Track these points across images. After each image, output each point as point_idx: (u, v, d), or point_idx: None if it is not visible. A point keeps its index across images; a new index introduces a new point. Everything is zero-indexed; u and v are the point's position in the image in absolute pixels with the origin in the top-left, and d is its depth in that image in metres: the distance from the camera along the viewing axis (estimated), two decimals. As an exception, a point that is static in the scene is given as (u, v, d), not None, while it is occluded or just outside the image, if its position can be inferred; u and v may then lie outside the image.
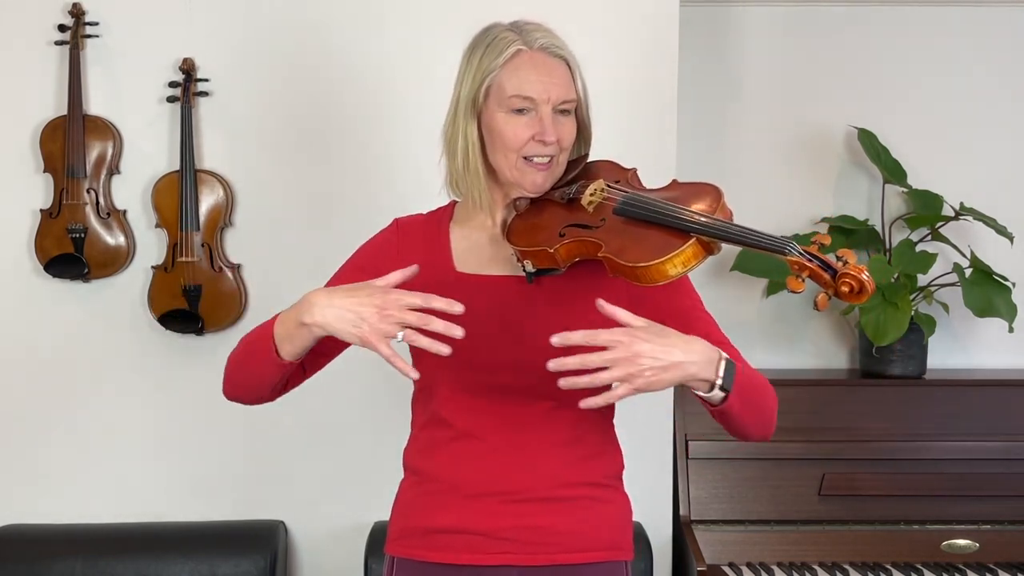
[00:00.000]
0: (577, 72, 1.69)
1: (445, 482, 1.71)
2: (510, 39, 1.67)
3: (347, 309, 1.52)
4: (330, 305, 1.54)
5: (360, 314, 1.51)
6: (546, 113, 1.64)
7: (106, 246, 2.72)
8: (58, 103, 2.72)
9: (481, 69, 1.67)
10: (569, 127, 1.68)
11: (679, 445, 2.83)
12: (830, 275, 1.48)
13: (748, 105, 3.20)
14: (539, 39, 1.67)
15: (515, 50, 1.65)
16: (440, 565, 1.70)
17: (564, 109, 1.67)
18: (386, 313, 1.50)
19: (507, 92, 1.64)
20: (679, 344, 1.49)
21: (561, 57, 1.68)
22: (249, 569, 2.67)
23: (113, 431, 2.80)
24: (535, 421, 1.69)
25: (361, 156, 2.77)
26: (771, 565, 2.71)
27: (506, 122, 1.65)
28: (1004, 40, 3.20)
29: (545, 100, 1.64)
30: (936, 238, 3.05)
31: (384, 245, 1.80)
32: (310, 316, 1.55)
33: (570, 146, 1.71)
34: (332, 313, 1.53)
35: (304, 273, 2.78)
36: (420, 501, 1.74)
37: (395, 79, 2.74)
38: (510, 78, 1.64)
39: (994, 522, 2.80)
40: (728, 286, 3.16)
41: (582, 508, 1.71)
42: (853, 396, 2.93)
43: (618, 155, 2.70)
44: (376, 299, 1.51)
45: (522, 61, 1.65)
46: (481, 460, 1.69)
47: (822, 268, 1.49)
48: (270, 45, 2.75)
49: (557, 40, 1.69)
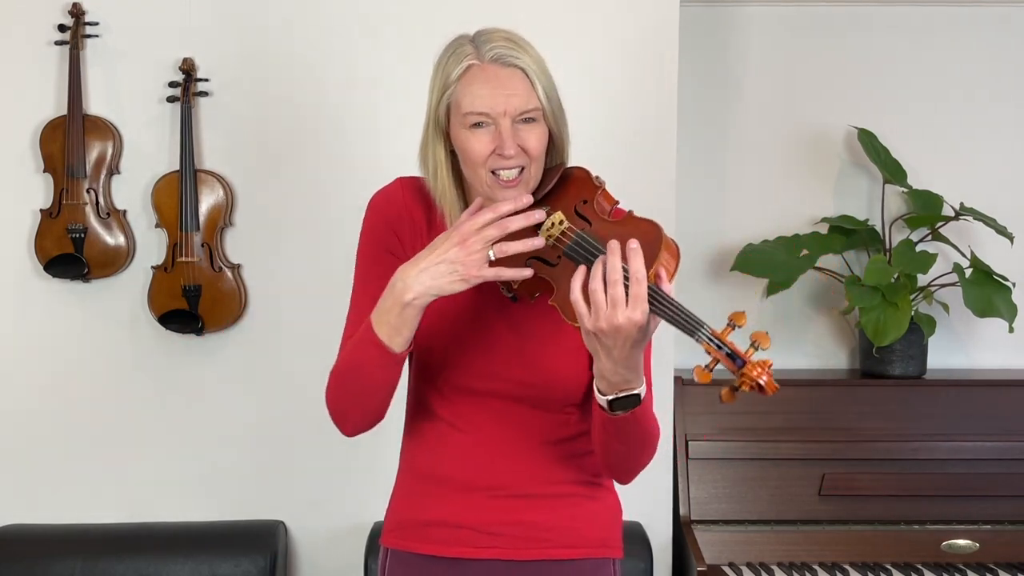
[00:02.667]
0: (537, 79, 1.61)
1: (436, 475, 1.72)
2: (464, 53, 1.62)
3: (434, 264, 1.53)
4: (420, 272, 1.53)
5: (447, 259, 1.52)
6: (505, 126, 1.58)
7: (106, 246, 2.72)
8: (58, 103, 2.72)
9: (440, 86, 1.64)
10: (535, 135, 1.61)
11: (679, 445, 2.83)
12: (737, 366, 1.44)
13: (748, 105, 3.20)
14: (492, 49, 1.60)
15: (467, 65, 1.60)
16: (431, 557, 1.71)
17: (527, 118, 1.60)
18: (468, 244, 1.52)
19: (463, 109, 1.59)
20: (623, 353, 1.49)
21: (516, 66, 1.60)
22: (249, 569, 2.67)
23: (113, 431, 2.80)
24: (524, 419, 1.70)
25: (361, 156, 2.76)
26: (771, 565, 2.71)
27: (467, 139, 1.60)
28: (1004, 40, 3.20)
29: (501, 113, 1.58)
30: (936, 238, 3.05)
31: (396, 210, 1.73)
32: (410, 293, 1.54)
33: (540, 154, 1.63)
34: (427, 277, 1.53)
35: (304, 273, 2.79)
36: (413, 494, 1.75)
37: (395, 79, 2.74)
38: (464, 94, 1.60)
39: (994, 522, 2.80)
40: (728, 286, 3.16)
41: (571, 505, 1.71)
42: (853, 396, 2.93)
43: (618, 155, 2.72)
44: (453, 239, 1.53)
45: (474, 75, 1.60)
46: (470, 454, 1.70)
47: (730, 358, 1.45)
48: (270, 45, 2.75)
49: (514, 48, 1.61)
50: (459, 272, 1.52)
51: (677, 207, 2.79)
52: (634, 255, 1.46)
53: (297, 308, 2.79)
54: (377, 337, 1.57)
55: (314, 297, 2.78)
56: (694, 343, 1.49)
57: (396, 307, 1.55)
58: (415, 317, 1.57)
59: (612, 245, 1.48)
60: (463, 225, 1.54)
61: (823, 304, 3.23)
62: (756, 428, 2.85)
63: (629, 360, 1.50)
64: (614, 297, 1.45)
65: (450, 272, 1.53)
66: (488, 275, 1.53)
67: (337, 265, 2.76)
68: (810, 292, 3.22)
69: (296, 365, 2.80)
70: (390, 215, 1.73)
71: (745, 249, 3.03)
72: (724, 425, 2.86)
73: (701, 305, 1.48)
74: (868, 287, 2.88)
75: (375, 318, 1.58)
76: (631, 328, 1.45)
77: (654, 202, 2.76)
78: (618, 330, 1.45)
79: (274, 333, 2.80)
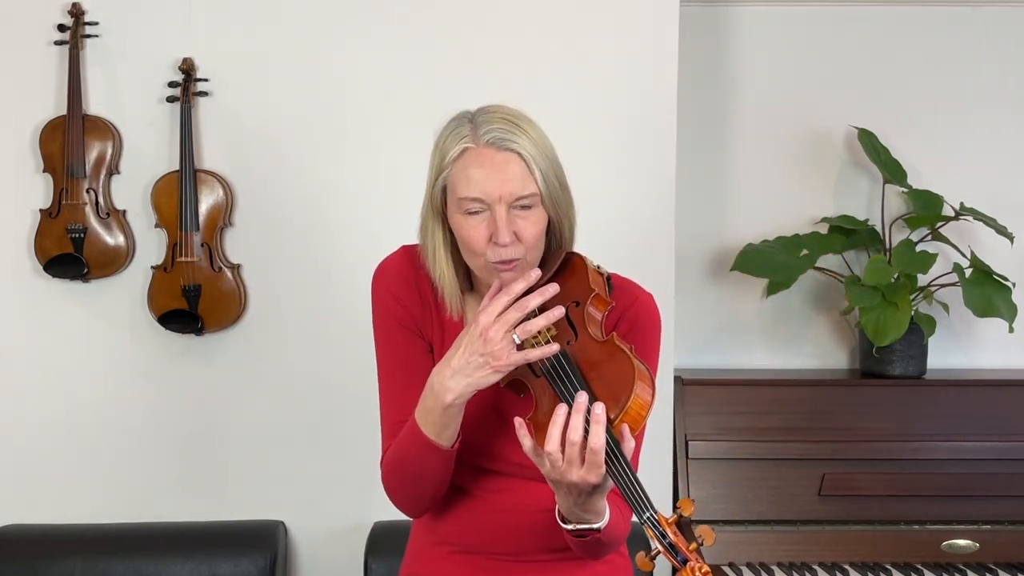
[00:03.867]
0: (534, 163, 1.55)
1: (442, 534, 1.74)
2: (461, 134, 1.57)
3: (466, 362, 1.53)
4: (454, 374, 1.54)
5: (477, 353, 1.52)
6: (500, 213, 1.54)
7: (106, 246, 2.72)
8: (58, 103, 2.72)
9: (437, 167, 1.60)
10: (531, 222, 1.56)
11: (679, 445, 2.83)
12: (679, 561, 1.42)
13: (748, 105, 3.20)
14: (489, 132, 1.55)
15: (462, 148, 1.56)
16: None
17: (524, 205, 1.55)
18: (490, 335, 1.51)
19: (458, 193, 1.56)
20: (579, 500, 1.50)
21: (512, 150, 1.54)
22: (249, 569, 2.67)
23: (113, 431, 2.80)
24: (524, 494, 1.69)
25: (361, 156, 2.77)
26: (771, 565, 2.71)
27: (462, 226, 1.57)
28: (1004, 40, 3.20)
29: (496, 199, 1.53)
30: (936, 238, 3.05)
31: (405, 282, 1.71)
32: (450, 395, 1.54)
33: (537, 243, 1.59)
34: (461, 377, 1.54)
35: (304, 273, 2.79)
36: (422, 552, 1.78)
37: (395, 79, 2.74)
38: (459, 179, 1.56)
39: (994, 522, 2.80)
40: (728, 286, 3.16)
41: (578, 567, 1.70)
42: (853, 396, 2.93)
43: (618, 155, 2.71)
44: (475, 333, 1.53)
45: (470, 160, 1.55)
46: (477, 518, 1.70)
47: (670, 551, 1.43)
48: (270, 45, 2.75)
49: (511, 130, 1.55)
50: (490, 364, 1.52)
51: (677, 207, 2.79)
52: (595, 424, 1.44)
53: (297, 308, 2.79)
54: (426, 437, 1.58)
55: (314, 297, 2.78)
56: (694, 343, 1.49)
57: (438, 408, 1.56)
58: (458, 414, 1.58)
59: (579, 401, 1.47)
60: (481, 317, 1.53)
61: (823, 304, 3.23)
62: (756, 428, 2.85)
63: (587, 505, 1.50)
64: (570, 457, 1.45)
65: (482, 366, 1.53)
66: (517, 360, 1.52)
67: (337, 265, 2.77)
68: (810, 292, 3.22)
69: (296, 365, 2.80)
70: (395, 290, 1.71)
71: (745, 249, 3.03)
72: (724, 425, 2.86)
73: (701, 305, 1.47)
74: (868, 287, 2.88)
75: (420, 418, 1.58)
76: (584, 486, 1.46)
77: (654, 202, 2.77)
78: (572, 486, 1.46)
79: (274, 333, 2.80)
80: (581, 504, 1.50)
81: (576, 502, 1.50)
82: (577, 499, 1.49)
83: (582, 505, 1.50)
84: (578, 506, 1.50)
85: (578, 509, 1.51)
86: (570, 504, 1.51)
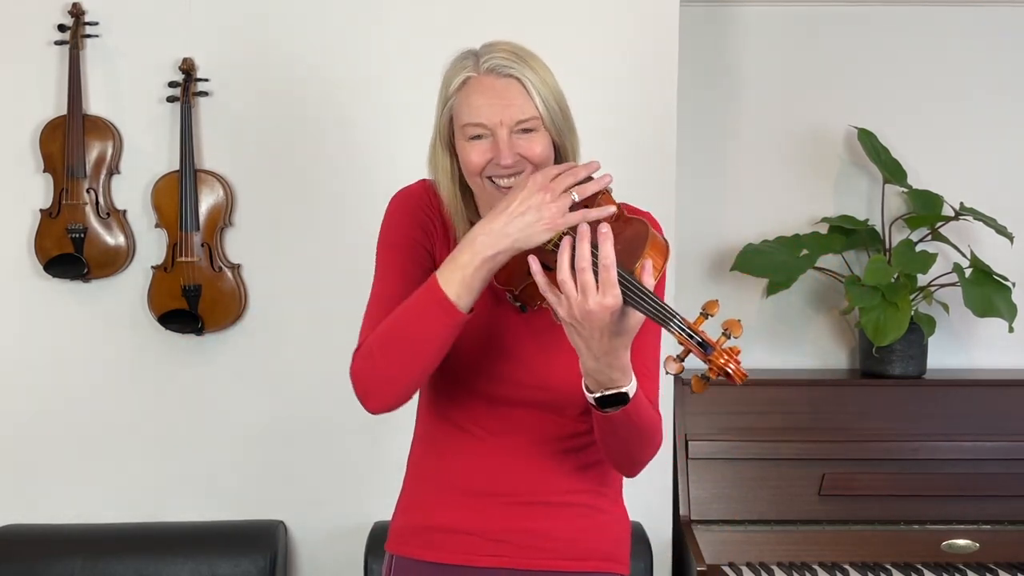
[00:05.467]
0: (534, 89, 1.60)
1: (445, 479, 1.72)
2: (463, 66, 1.63)
3: (519, 214, 1.52)
4: (506, 225, 1.52)
5: (532, 206, 1.51)
6: (502, 136, 1.59)
7: (106, 246, 2.72)
8: (58, 103, 2.72)
9: (443, 100, 1.66)
10: (536, 143, 1.61)
11: (679, 445, 2.83)
12: (706, 354, 1.43)
13: (748, 105, 3.20)
14: (489, 60, 1.61)
15: (464, 77, 1.62)
16: (435, 564, 1.70)
17: (525, 128, 1.60)
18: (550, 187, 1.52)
19: (461, 120, 1.62)
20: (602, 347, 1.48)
21: (512, 76, 1.60)
22: (249, 569, 2.67)
23: (113, 431, 2.80)
24: (539, 425, 1.69)
25: (361, 156, 2.77)
26: (771, 565, 2.71)
27: (466, 151, 1.62)
28: (1004, 40, 3.20)
29: (498, 123, 1.59)
30: (936, 238, 3.05)
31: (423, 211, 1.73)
32: (496, 247, 1.52)
33: (546, 160, 1.62)
34: (513, 229, 1.52)
35: (304, 273, 2.79)
36: (420, 499, 1.75)
37: (395, 78, 2.74)
38: (462, 106, 1.62)
39: (994, 522, 2.80)
40: (728, 286, 3.16)
41: (580, 516, 1.71)
42: (853, 396, 2.93)
43: (618, 155, 2.71)
44: (533, 188, 1.52)
45: (471, 88, 1.61)
46: (481, 460, 1.69)
47: (701, 347, 1.44)
48: (270, 45, 2.75)
49: (511, 59, 1.61)
50: (544, 220, 1.51)
51: (677, 207, 2.79)
52: (604, 239, 1.45)
53: (297, 308, 2.79)
54: (445, 295, 1.53)
55: (314, 297, 2.78)
56: (693, 342, 1.49)
57: (474, 262, 1.53)
58: (490, 275, 1.55)
59: (582, 229, 1.47)
60: (538, 176, 1.54)
61: (823, 304, 3.23)
62: (756, 428, 2.85)
63: (611, 356, 1.48)
64: (584, 283, 1.44)
65: (536, 221, 1.51)
66: (573, 220, 1.50)
67: (337, 265, 2.78)
68: (810, 292, 3.22)
69: (296, 365, 2.80)
70: (415, 211, 1.73)
71: (745, 249, 3.03)
72: (724, 425, 2.86)
73: (701, 305, 1.47)
74: (868, 287, 2.88)
75: (443, 276, 1.54)
76: (603, 314, 1.44)
77: (654, 202, 2.74)
78: (590, 317, 1.44)
79: (274, 333, 2.80)
80: (605, 355, 1.47)
81: (599, 352, 1.47)
82: (600, 345, 1.46)
83: (606, 357, 1.47)
84: (602, 359, 1.48)
85: (604, 365, 1.48)
86: (595, 359, 1.48)
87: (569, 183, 1.53)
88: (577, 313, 1.45)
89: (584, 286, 1.44)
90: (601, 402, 1.53)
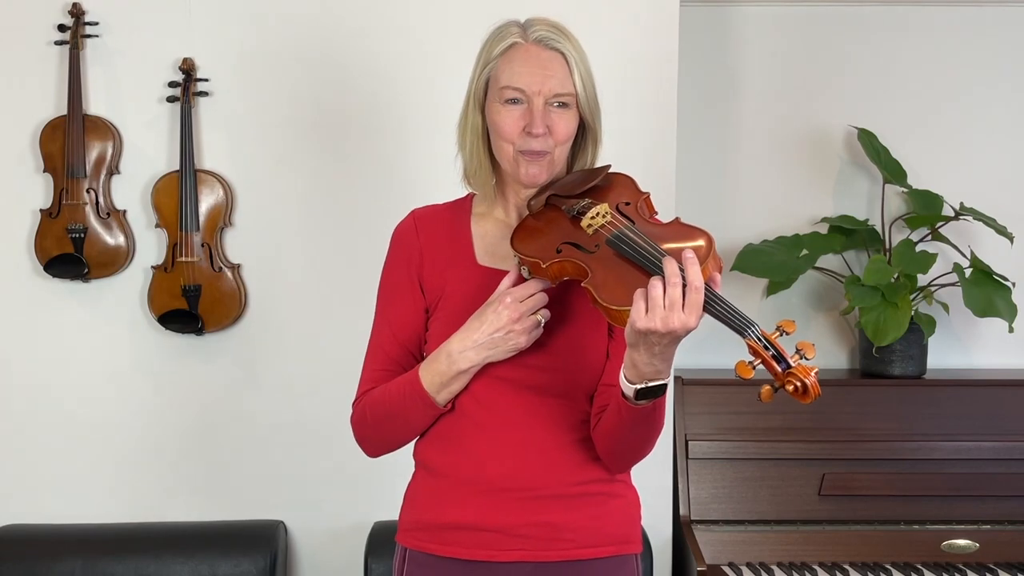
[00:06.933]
0: (576, 67, 1.67)
1: (458, 477, 1.72)
2: (510, 32, 1.68)
3: (489, 335, 1.64)
4: (475, 344, 1.64)
5: (502, 330, 1.63)
6: (537, 105, 1.64)
7: (106, 246, 2.72)
8: (58, 103, 2.72)
9: (483, 62, 1.71)
10: (565, 120, 1.67)
11: (679, 445, 2.84)
12: (782, 368, 1.45)
13: (748, 105, 3.20)
14: (537, 32, 1.67)
15: (511, 42, 1.67)
16: (454, 560, 1.71)
17: (561, 103, 1.66)
18: (518, 316, 1.63)
19: (500, 83, 1.66)
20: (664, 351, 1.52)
21: (558, 50, 1.66)
22: (249, 569, 2.67)
23: (113, 431, 2.80)
24: (551, 412, 1.70)
25: (361, 156, 2.77)
26: (771, 565, 2.71)
27: (499, 113, 1.66)
28: (1004, 40, 3.20)
29: (536, 92, 1.64)
30: (936, 238, 3.05)
31: (407, 247, 1.79)
32: (465, 362, 1.65)
33: (568, 140, 1.69)
34: (484, 349, 1.64)
35: (304, 273, 2.79)
36: (433, 495, 1.75)
37: (395, 79, 2.74)
38: (504, 69, 1.66)
39: (994, 522, 2.80)
40: (728, 286, 3.13)
41: (595, 504, 1.72)
42: (853, 396, 2.93)
43: (618, 155, 2.71)
44: (502, 312, 1.63)
45: (517, 53, 1.66)
46: (495, 454, 1.70)
47: (775, 360, 1.46)
48: (270, 45, 2.75)
49: (558, 34, 1.67)
50: (517, 342, 1.64)
51: (677, 207, 2.79)
52: (690, 264, 1.47)
53: (297, 308, 2.79)
54: (426, 393, 1.68)
55: (314, 297, 2.78)
56: (695, 343, 1.49)
57: (450, 372, 1.66)
58: (466, 379, 1.68)
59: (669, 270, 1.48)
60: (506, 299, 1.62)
61: (823, 304, 3.23)
62: (756, 428, 2.85)
63: (666, 354, 1.51)
64: (672, 298, 1.46)
65: (506, 343, 1.64)
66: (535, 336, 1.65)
67: (337, 265, 2.78)
68: (810, 292, 3.22)
69: (296, 365, 2.80)
70: (401, 246, 1.80)
71: (745, 249, 3.03)
72: (724, 425, 2.86)
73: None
74: (868, 287, 2.88)
75: (425, 376, 1.68)
76: (682, 332, 1.47)
77: (654, 202, 2.76)
78: (671, 332, 1.46)
79: (274, 333, 2.80)
80: (661, 352, 1.50)
81: (659, 353, 1.50)
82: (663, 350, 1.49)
83: (662, 352, 1.50)
84: (658, 357, 1.50)
85: (657, 360, 1.51)
86: (650, 356, 1.50)
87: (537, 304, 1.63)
88: (659, 325, 1.46)
89: (672, 301, 1.46)
90: (639, 394, 1.55)
